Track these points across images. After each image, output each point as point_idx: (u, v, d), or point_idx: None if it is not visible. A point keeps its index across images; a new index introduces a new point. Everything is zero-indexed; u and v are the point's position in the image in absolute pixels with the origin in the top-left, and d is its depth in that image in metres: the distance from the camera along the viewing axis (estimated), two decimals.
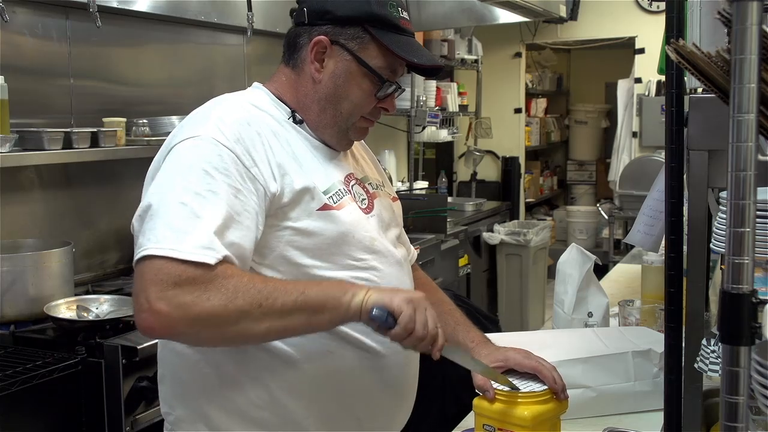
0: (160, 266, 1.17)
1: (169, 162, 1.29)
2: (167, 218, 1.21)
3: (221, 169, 1.25)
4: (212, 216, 1.21)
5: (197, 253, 1.18)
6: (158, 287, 1.16)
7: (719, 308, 0.85)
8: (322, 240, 1.35)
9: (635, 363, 1.75)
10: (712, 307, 1.85)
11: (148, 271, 1.18)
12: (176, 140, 1.31)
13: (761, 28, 0.82)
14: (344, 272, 1.37)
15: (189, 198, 1.22)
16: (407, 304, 1.24)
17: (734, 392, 0.83)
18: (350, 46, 1.38)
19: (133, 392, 2.20)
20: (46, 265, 2.45)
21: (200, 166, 1.25)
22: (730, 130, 0.83)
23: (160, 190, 1.26)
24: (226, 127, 1.30)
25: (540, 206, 8.00)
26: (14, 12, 2.59)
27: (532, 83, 7.35)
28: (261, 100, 1.43)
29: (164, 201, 1.23)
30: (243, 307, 1.19)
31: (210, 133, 1.29)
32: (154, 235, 1.20)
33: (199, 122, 1.33)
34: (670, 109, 1.28)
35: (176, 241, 1.18)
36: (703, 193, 1.32)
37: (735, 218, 0.83)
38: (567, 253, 2.27)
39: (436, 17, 5.03)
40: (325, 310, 1.24)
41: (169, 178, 1.26)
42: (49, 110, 2.79)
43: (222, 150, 1.27)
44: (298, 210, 1.33)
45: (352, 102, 1.41)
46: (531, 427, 1.35)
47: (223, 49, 3.64)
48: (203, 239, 1.19)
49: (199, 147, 1.27)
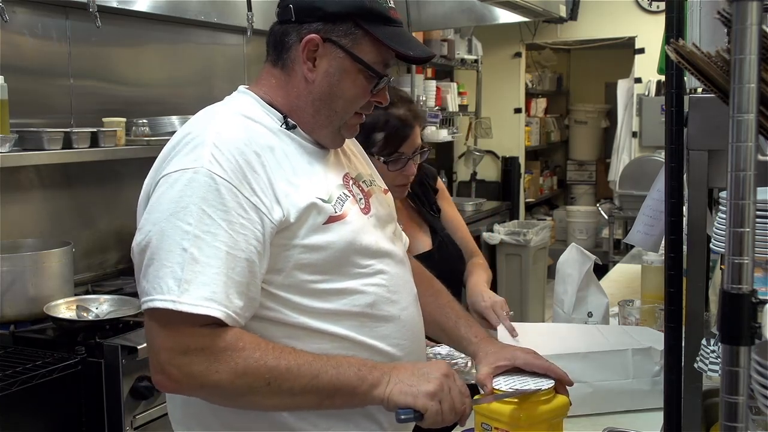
0: (169, 324, 1.20)
1: (165, 195, 1.24)
2: (169, 264, 1.20)
3: (219, 206, 1.22)
4: (213, 261, 1.20)
5: (202, 305, 1.19)
6: (169, 354, 1.20)
7: (719, 308, 0.85)
8: (331, 253, 1.32)
9: (634, 360, 1.75)
10: (712, 307, 1.85)
11: (159, 329, 1.21)
12: (171, 168, 1.26)
13: (761, 28, 0.82)
14: (353, 281, 1.35)
15: (189, 243, 1.20)
16: (432, 399, 1.26)
17: (734, 392, 0.83)
18: (343, 43, 1.33)
19: (133, 392, 2.20)
20: (46, 265, 2.45)
21: (198, 204, 1.21)
22: (729, 130, 0.83)
23: (159, 228, 1.22)
24: (222, 155, 1.25)
25: (540, 206, 8.00)
26: (14, 12, 2.59)
27: (532, 83, 7.35)
28: (252, 109, 1.37)
29: (164, 242, 1.21)
30: (252, 384, 1.22)
31: (206, 165, 1.23)
32: (158, 284, 1.20)
33: (194, 150, 1.26)
34: (670, 109, 1.28)
35: (180, 292, 1.18)
36: (703, 193, 1.32)
37: (735, 218, 0.83)
38: (567, 253, 2.27)
39: (436, 17, 5.03)
40: (338, 396, 1.26)
41: (167, 216, 1.22)
42: (49, 110, 2.79)
43: (220, 184, 1.23)
44: (305, 227, 1.30)
45: (348, 100, 1.38)
46: (526, 427, 1.35)
47: (223, 49, 3.64)
48: (206, 290, 1.19)
49: (195, 182, 1.22)
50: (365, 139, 1.84)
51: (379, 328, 1.38)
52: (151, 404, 2.24)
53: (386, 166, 1.91)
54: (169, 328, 1.21)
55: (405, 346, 1.42)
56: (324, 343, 1.32)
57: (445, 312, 1.62)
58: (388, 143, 1.91)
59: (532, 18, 5.48)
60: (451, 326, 1.61)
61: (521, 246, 5.39)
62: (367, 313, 1.36)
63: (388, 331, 1.39)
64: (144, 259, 1.24)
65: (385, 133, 1.90)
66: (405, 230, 1.98)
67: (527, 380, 1.42)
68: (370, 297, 1.37)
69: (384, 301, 1.39)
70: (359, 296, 1.36)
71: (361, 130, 1.80)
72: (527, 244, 5.37)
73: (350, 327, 1.34)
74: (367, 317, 1.36)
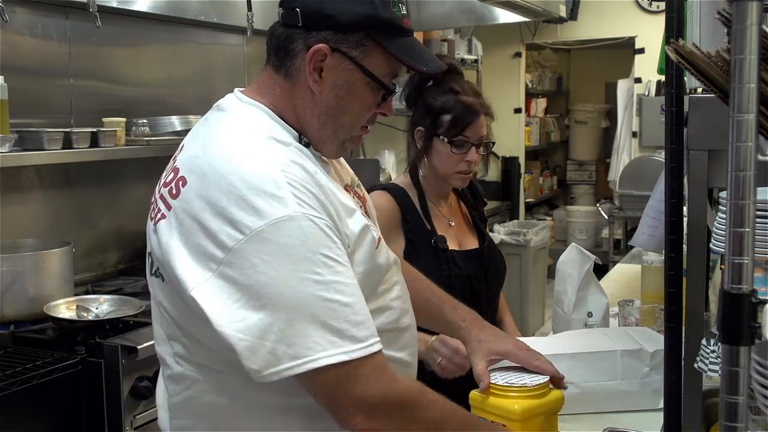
0: (348, 375, 1.14)
1: (271, 253, 1.12)
2: (315, 320, 1.12)
3: (331, 245, 1.16)
4: (355, 299, 1.16)
5: (371, 344, 1.15)
6: (366, 405, 1.16)
7: (719, 308, 0.85)
8: (376, 277, 1.29)
9: (623, 362, 1.75)
10: (712, 307, 1.85)
11: (343, 382, 1.15)
12: (258, 222, 1.12)
13: (761, 28, 0.82)
14: (381, 299, 1.31)
15: (329, 292, 1.13)
16: None
17: (734, 392, 0.83)
18: (353, 55, 1.24)
19: (133, 392, 2.20)
20: (46, 265, 2.45)
21: (314, 250, 1.13)
22: (730, 130, 0.83)
23: (281, 290, 1.12)
24: (302, 194, 1.16)
25: (540, 206, 8.00)
26: (14, 12, 2.59)
27: (532, 83, 7.35)
28: (275, 130, 1.26)
29: (298, 303, 1.12)
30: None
31: (297, 209, 1.14)
32: (314, 343, 1.11)
33: (273, 197, 1.14)
34: (670, 109, 1.28)
35: (347, 341, 1.13)
36: (703, 193, 1.32)
37: (735, 218, 0.83)
38: (567, 253, 2.27)
39: (436, 17, 5.03)
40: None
41: (287, 275, 1.12)
42: (49, 110, 2.79)
43: (319, 224, 1.15)
44: (360, 253, 1.25)
45: (355, 114, 1.29)
46: (520, 420, 1.37)
47: (223, 49, 3.64)
48: (365, 329, 1.15)
49: (298, 230, 1.13)
50: (433, 121, 1.99)
51: (401, 341, 1.36)
52: (151, 404, 2.24)
53: (450, 148, 1.99)
54: (347, 379, 1.14)
55: (414, 353, 1.41)
56: None
57: (426, 297, 1.59)
58: (453, 125, 1.99)
59: (532, 18, 5.48)
60: (434, 312, 1.58)
61: (521, 246, 5.39)
62: (394, 327, 1.34)
63: (406, 341, 1.37)
64: (263, 326, 1.12)
65: (452, 116, 1.99)
66: (457, 226, 2.10)
67: (523, 375, 1.45)
68: (396, 312, 1.34)
69: (403, 313, 1.37)
70: (389, 313, 1.33)
71: (430, 113, 1.98)
72: (527, 244, 5.37)
73: (383, 345, 1.29)
74: (393, 332, 1.34)
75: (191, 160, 1.23)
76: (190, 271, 1.15)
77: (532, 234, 5.41)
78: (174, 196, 1.21)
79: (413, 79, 2.05)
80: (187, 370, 1.26)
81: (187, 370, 1.27)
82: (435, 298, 1.59)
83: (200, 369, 1.25)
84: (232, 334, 1.11)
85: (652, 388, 1.75)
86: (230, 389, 1.23)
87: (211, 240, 1.14)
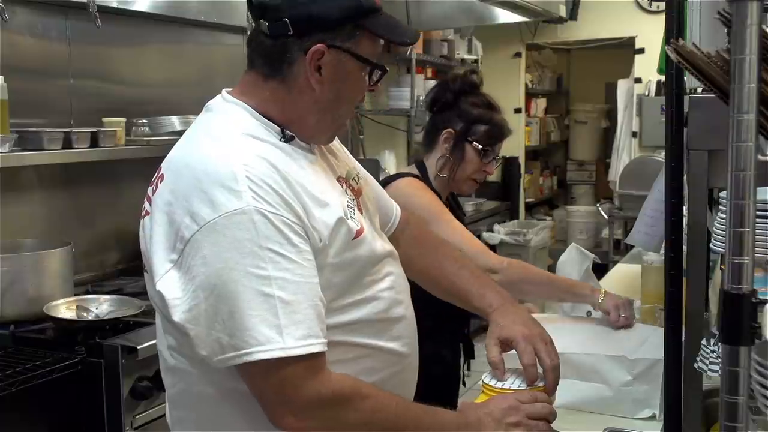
0: (279, 372, 1.16)
1: (219, 245, 1.16)
2: (255, 314, 1.15)
3: (283, 241, 1.18)
4: (300, 297, 1.18)
5: (306, 344, 1.16)
6: (300, 404, 1.18)
7: (719, 308, 0.85)
8: (356, 268, 1.31)
9: (605, 369, 1.73)
10: (712, 307, 1.85)
11: (264, 378, 1.17)
12: (211, 214, 1.17)
13: (761, 28, 0.82)
14: (369, 290, 1.34)
15: (270, 287, 1.15)
16: None
17: (734, 392, 0.83)
18: (347, 47, 1.29)
19: (133, 392, 2.20)
20: (46, 265, 2.45)
21: (261, 245, 1.16)
22: (729, 130, 0.83)
23: (225, 280, 1.15)
24: (260, 188, 1.19)
25: (540, 206, 8.00)
26: (14, 12, 2.59)
27: (532, 83, 7.35)
28: (254, 127, 1.30)
29: (239, 294, 1.15)
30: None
31: (251, 203, 1.17)
32: (251, 336, 1.14)
33: (230, 190, 1.18)
34: (670, 109, 1.28)
35: (283, 337, 1.15)
36: (703, 193, 1.32)
37: (735, 218, 0.83)
38: (567, 253, 2.28)
39: (436, 17, 5.03)
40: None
41: (232, 266, 1.15)
42: (49, 110, 2.79)
43: (273, 219, 1.18)
44: (335, 246, 1.27)
45: (351, 101, 1.37)
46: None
47: (223, 49, 3.64)
48: (303, 328, 1.17)
49: (249, 223, 1.16)
50: (467, 127, 2.14)
51: (392, 331, 1.37)
52: (151, 404, 2.24)
53: (479, 155, 2.14)
54: (280, 377, 1.16)
55: (411, 344, 1.43)
56: (344, 354, 1.30)
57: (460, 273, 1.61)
58: (488, 136, 2.16)
59: (532, 18, 5.49)
60: (465, 288, 1.59)
61: (521, 246, 5.39)
62: (383, 318, 1.36)
63: (399, 331, 1.39)
64: (209, 315, 1.17)
65: (488, 128, 2.15)
66: None
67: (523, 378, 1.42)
68: (385, 302, 1.36)
69: (395, 303, 1.39)
70: (376, 303, 1.35)
71: (465, 119, 2.14)
72: (527, 244, 5.38)
73: (369, 335, 1.34)
74: (382, 322, 1.36)
75: (170, 158, 1.31)
76: (158, 264, 1.22)
77: (532, 234, 5.41)
78: (153, 192, 1.28)
79: (449, 84, 2.20)
80: (180, 362, 1.30)
81: (179, 362, 1.30)
82: (463, 283, 1.60)
83: (190, 360, 1.28)
84: (184, 323, 1.18)
85: (632, 397, 1.71)
86: (215, 379, 1.26)
87: (175, 232, 1.20)
